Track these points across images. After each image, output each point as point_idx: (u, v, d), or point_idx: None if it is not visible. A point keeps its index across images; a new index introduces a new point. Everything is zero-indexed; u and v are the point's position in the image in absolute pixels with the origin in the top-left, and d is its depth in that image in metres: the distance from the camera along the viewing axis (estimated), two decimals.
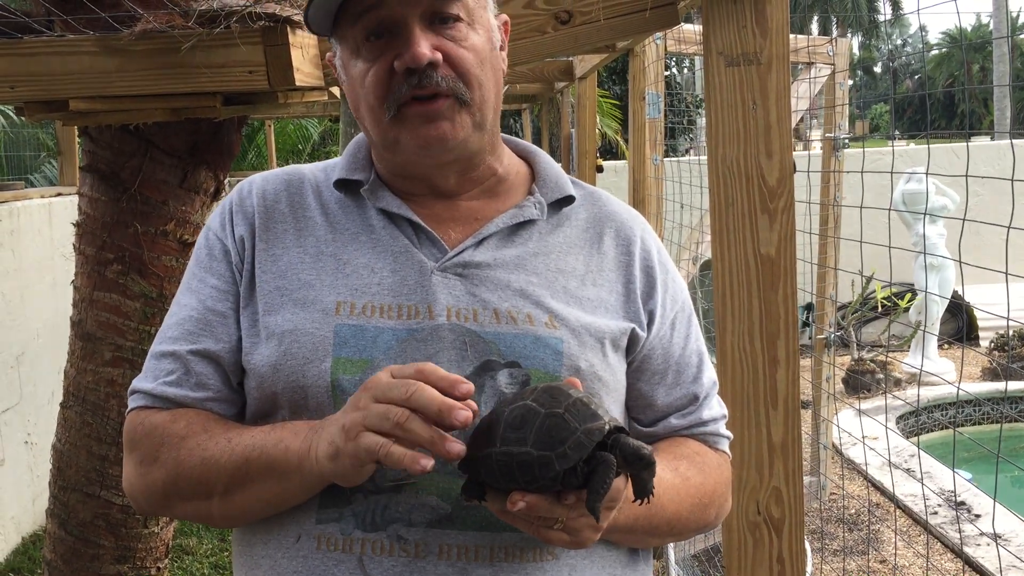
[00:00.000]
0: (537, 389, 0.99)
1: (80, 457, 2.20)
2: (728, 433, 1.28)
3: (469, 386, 0.95)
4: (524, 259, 1.17)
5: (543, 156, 1.28)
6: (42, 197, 5.31)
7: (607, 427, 0.94)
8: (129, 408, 1.16)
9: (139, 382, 1.17)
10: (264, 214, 1.20)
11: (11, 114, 6.94)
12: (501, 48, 1.20)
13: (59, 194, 5.49)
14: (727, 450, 1.28)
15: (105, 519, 2.20)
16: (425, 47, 1.09)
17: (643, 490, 0.97)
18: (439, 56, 1.10)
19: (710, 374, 1.27)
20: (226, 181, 2.40)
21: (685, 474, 1.17)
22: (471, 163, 1.18)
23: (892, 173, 2.51)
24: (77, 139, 5.10)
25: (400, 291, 1.13)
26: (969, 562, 4.20)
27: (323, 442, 1.01)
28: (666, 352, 1.22)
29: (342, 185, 1.20)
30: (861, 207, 2.66)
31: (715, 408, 1.26)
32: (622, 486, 0.97)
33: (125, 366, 2.17)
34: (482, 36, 1.15)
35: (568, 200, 1.23)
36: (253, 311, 1.15)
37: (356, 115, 1.19)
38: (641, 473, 0.96)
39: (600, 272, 1.20)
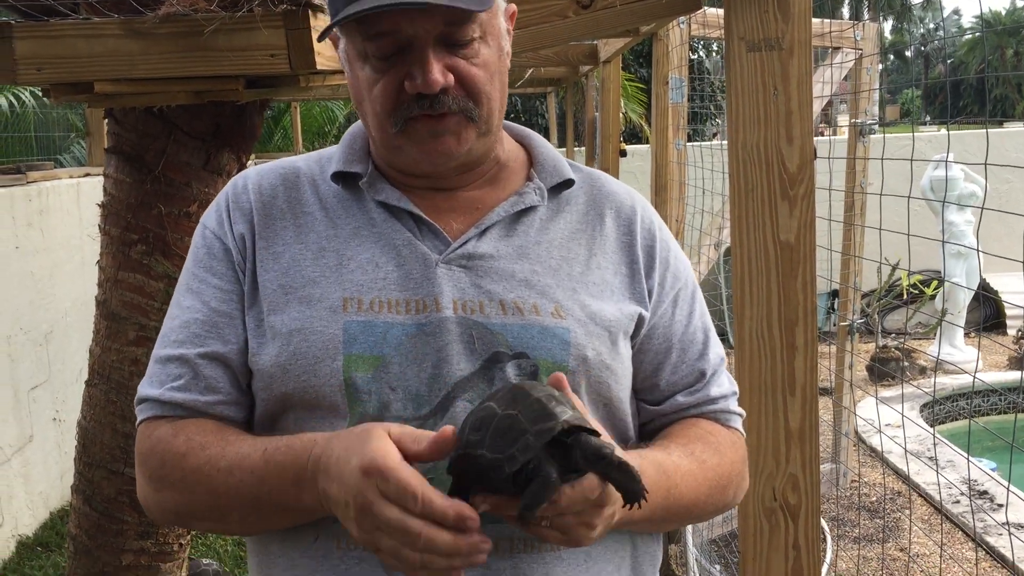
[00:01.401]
0: (504, 389, 0.99)
1: (104, 435, 2.24)
2: (740, 410, 1.26)
3: (475, 517, 0.91)
4: (527, 248, 1.16)
5: (539, 140, 1.27)
6: (71, 177, 5.37)
7: (559, 427, 0.90)
8: (139, 420, 1.14)
9: (145, 389, 1.14)
10: (262, 210, 1.17)
11: (39, 95, 7.01)
12: (508, 33, 1.18)
13: (87, 174, 5.54)
14: (740, 428, 1.25)
15: (129, 496, 2.23)
16: (438, 73, 1.06)
17: (631, 495, 0.93)
18: (451, 80, 1.08)
19: (717, 351, 1.25)
20: (248, 163, 2.42)
21: (701, 457, 1.15)
22: (475, 163, 1.18)
23: (912, 160, 2.48)
24: (104, 120, 5.15)
25: (406, 285, 1.11)
26: (990, 551, 4.18)
27: (339, 516, 0.97)
28: (667, 330, 1.20)
29: (339, 177, 1.18)
30: (881, 194, 2.64)
31: (725, 385, 1.24)
32: (593, 488, 0.93)
33: (149, 345, 2.19)
34: (493, 48, 1.13)
35: (567, 184, 1.22)
36: (258, 311, 1.13)
37: (357, 107, 1.17)
38: (613, 475, 0.92)
39: (603, 255, 1.19)
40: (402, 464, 0.92)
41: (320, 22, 1.91)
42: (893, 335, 7.46)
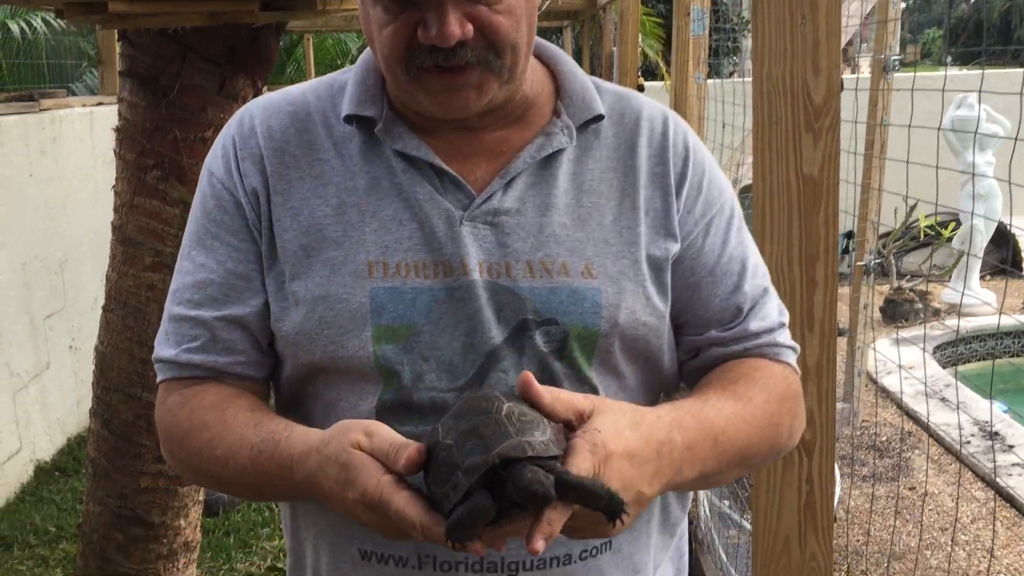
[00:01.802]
0: (455, 408, 0.92)
1: (122, 359, 2.25)
2: (791, 342, 1.16)
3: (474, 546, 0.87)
4: (555, 198, 1.08)
5: (568, 66, 1.15)
6: (83, 106, 5.34)
7: (488, 463, 0.84)
8: (158, 378, 1.12)
9: (162, 348, 1.10)
10: (274, 158, 1.09)
11: (52, 21, 6.93)
12: None
13: (100, 103, 5.51)
14: (791, 361, 1.15)
15: (146, 420, 2.25)
16: (455, 24, 0.96)
17: (607, 514, 0.86)
18: (470, 30, 0.97)
19: (758, 282, 1.15)
20: (264, 89, 2.39)
21: (745, 395, 1.06)
22: (499, 108, 1.08)
23: (944, 91, 2.43)
24: (117, 48, 5.09)
25: (431, 245, 1.05)
26: (1000, 491, 4.20)
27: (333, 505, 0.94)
28: (695, 262, 1.12)
29: (352, 119, 1.09)
30: (909, 125, 2.59)
31: (769, 317, 1.14)
32: (557, 519, 0.85)
33: (165, 271, 2.20)
34: None
35: (597, 119, 1.12)
36: (279, 274, 1.07)
37: (368, 43, 1.07)
38: (571, 499, 0.85)
39: (636, 193, 1.10)
40: (395, 494, 0.87)
41: None
42: (908, 277, 7.41)
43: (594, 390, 1.09)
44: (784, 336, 1.16)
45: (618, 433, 0.90)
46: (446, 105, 1.02)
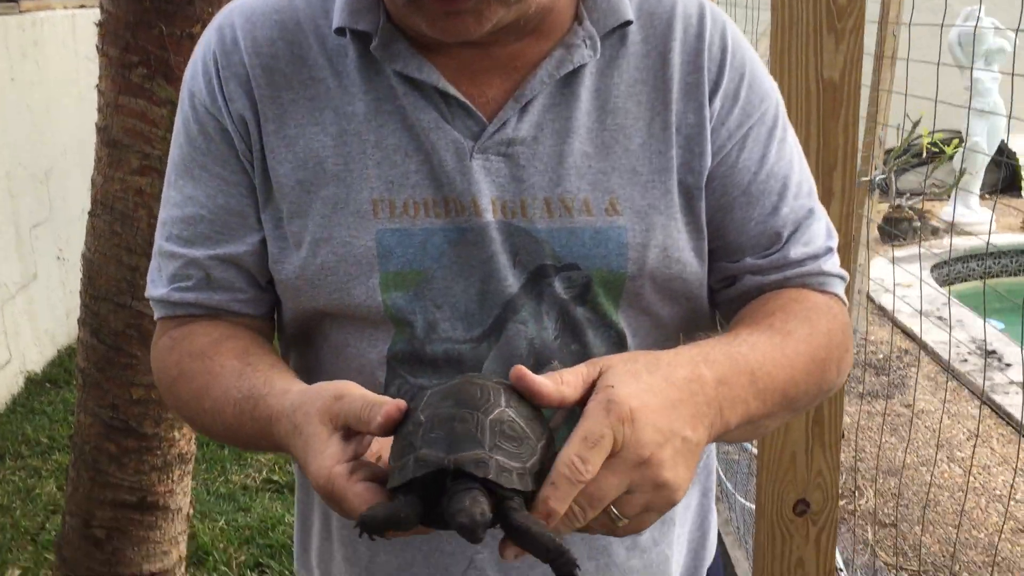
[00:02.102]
0: (451, 383, 0.80)
1: (110, 267, 2.17)
2: (838, 270, 1.03)
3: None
4: (576, 122, 0.96)
5: None
6: (65, 8, 5.15)
7: (442, 465, 0.73)
8: (155, 316, 1.05)
9: (154, 286, 1.02)
10: (263, 77, 0.96)
11: None
12: None
13: (82, 6, 5.32)
14: (839, 291, 1.03)
15: (137, 330, 2.18)
16: None
17: (554, 567, 0.73)
18: None
19: (801, 202, 1.01)
20: None
21: (785, 328, 0.93)
22: (508, 26, 0.93)
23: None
24: None
25: (439, 181, 0.94)
26: (996, 409, 4.20)
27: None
28: (727, 180, 0.99)
29: (344, 31, 0.96)
30: (910, 23, 2.49)
31: (813, 242, 1.02)
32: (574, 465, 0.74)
33: (153, 175, 2.11)
34: None
35: (624, 24, 0.97)
36: (275, 211, 0.97)
37: None
38: (515, 539, 0.74)
39: (667, 110, 0.97)
40: (347, 488, 0.76)
41: None
42: (907, 195, 7.34)
43: (621, 336, 1.00)
44: (831, 263, 1.03)
45: (635, 380, 0.77)
46: (445, 30, 0.89)
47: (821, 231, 1.03)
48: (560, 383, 0.78)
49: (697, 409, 0.80)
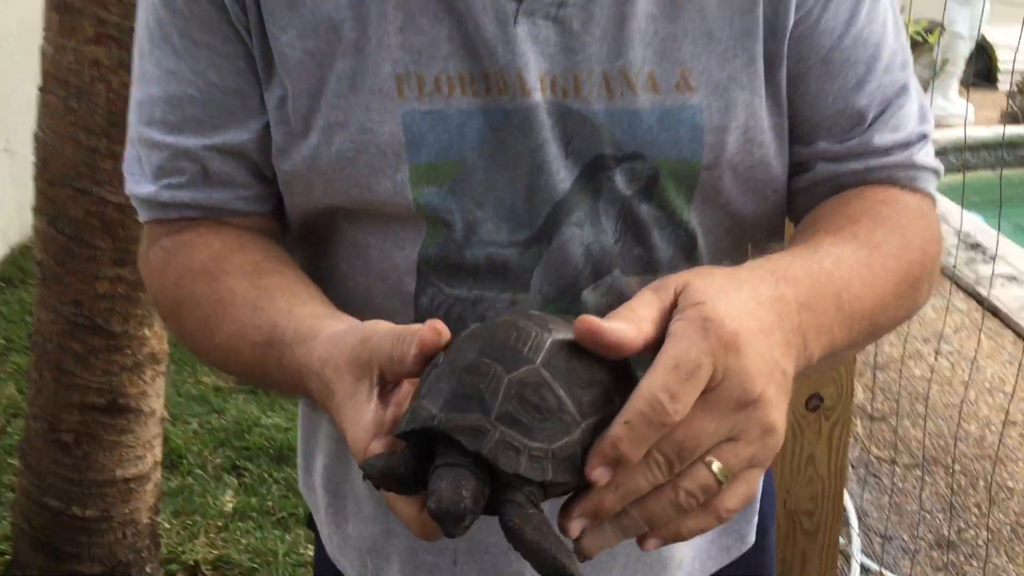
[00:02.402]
0: (491, 323, 0.63)
1: (66, 148, 1.96)
2: (933, 162, 0.87)
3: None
4: None
5: None
6: None
7: (430, 424, 0.57)
8: (140, 218, 0.89)
9: (135, 182, 0.86)
10: None
11: None
12: None
13: None
14: (931, 188, 0.88)
15: (99, 218, 2.00)
16: None
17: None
18: None
19: (893, 77, 0.84)
20: None
21: (872, 239, 0.78)
22: None
23: None
24: None
25: (477, 51, 0.78)
26: (982, 302, 4.16)
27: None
28: (806, 43, 0.82)
29: None
30: None
31: (904, 127, 0.85)
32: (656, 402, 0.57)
33: (111, 44, 1.88)
34: None
35: None
36: (280, 90, 0.81)
37: None
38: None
39: None
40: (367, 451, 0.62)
41: None
42: None
43: (691, 237, 0.84)
44: (924, 154, 0.86)
45: (725, 297, 0.61)
46: None
47: (913, 113, 0.86)
48: (639, 321, 0.60)
49: (786, 337, 0.64)
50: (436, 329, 0.61)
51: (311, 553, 2.68)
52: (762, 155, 0.83)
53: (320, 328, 0.72)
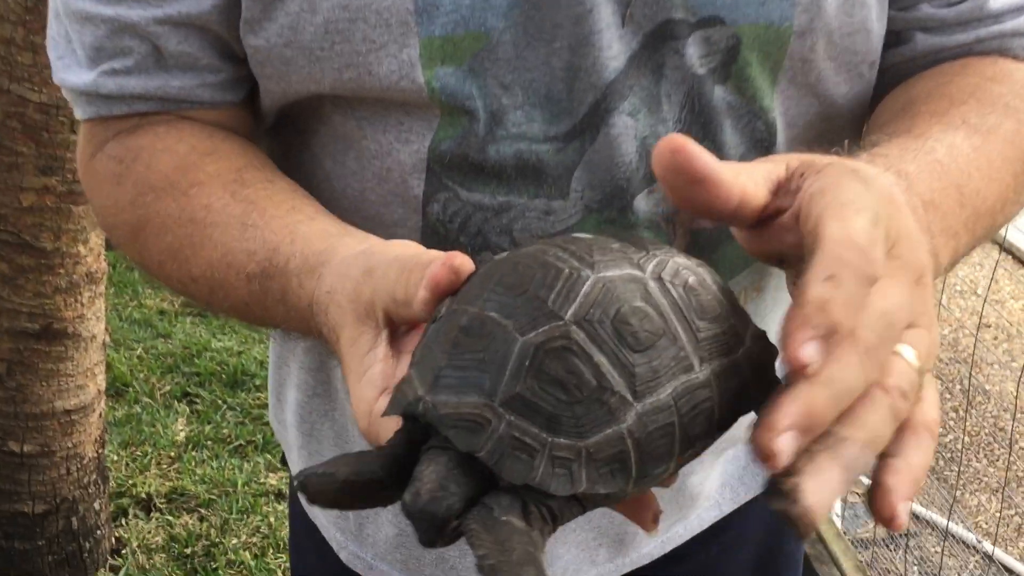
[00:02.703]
0: (522, 258, 0.43)
1: None
2: None
3: None
4: None
5: None
6: None
7: (412, 410, 0.43)
8: (77, 115, 0.72)
9: (66, 68, 0.69)
10: None
11: None
12: None
13: None
14: None
15: (20, 119, 1.78)
16: None
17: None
18: None
19: None
20: None
21: (984, 124, 0.65)
22: None
23: None
24: None
25: None
26: (999, 243, 4.09)
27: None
28: None
29: None
30: None
31: None
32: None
33: None
34: None
35: None
36: None
37: None
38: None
39: None
40: (381, 431, 0.47)
41: None
42: None
43: (771, 129, 0.69)
44: None
45: (860, 185, 0.45)
46: None
47: None
48: (751, 171, 0.46)
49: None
50: (452, 265, 0.45)
51: (272, 482, 2.53)
52: (863, 17, 0.67)
53: (333, 251, 0.57)
